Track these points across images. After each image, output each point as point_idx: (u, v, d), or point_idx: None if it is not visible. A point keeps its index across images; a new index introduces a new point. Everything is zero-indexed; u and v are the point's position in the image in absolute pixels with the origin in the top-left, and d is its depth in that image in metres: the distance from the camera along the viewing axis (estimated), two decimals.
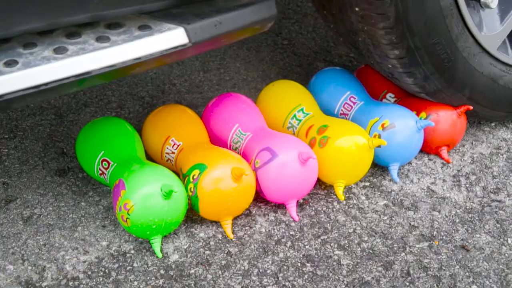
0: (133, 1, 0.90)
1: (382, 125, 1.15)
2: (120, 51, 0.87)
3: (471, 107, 1.20)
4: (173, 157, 1.13)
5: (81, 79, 0.85)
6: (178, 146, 1.12)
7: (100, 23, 0.91)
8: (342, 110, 1.24)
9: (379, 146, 1.14)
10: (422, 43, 1.09)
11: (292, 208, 1.08)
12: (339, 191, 1.12)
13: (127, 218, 0.98)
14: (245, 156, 1.12)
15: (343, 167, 1.11)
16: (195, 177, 1.03)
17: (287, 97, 1.22)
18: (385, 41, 1.08)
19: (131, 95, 1.43)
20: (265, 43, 1.63)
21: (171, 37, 0.89)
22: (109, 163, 1.08)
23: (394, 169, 1.17)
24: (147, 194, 0.97)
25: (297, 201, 1.12)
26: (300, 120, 1.18)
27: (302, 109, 1.19)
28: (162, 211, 0.98)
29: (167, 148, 1.13)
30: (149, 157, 1.18)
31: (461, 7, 1.09)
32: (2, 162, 1.23)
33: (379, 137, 1.15)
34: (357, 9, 1.06)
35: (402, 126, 1.15)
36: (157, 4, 0.92)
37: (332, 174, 1.12)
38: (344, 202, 1.14)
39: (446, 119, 1.20)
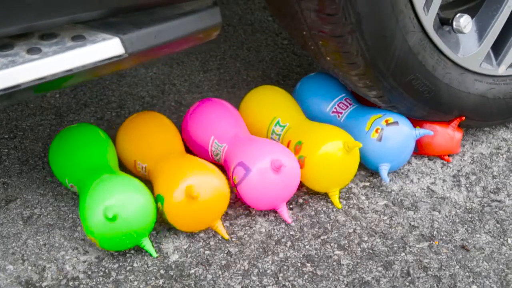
0: (67, 10, 0.85)
1: (386, 121, 1.15)
2: (50, 63, 0.83)
3: (463, 118, 1.20)
4: (145, 175, 1.13)
5: (10, 93, 0.81)
6: (144, 167, 1.11)
7: (34, 33, 0.87)
8: (336, 108, 1.23)
9: (380, 138, 1.14)
10: (398, 83, 1.10)
11: (283, 211, 1.08)
12: (336, 199, 1.12)
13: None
14: (227, 167, 1.11)
15: (329, 178, 1.10)
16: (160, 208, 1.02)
17: (261, 111, 1.21)
18: (360, 84, 1.11)
19: (131, 95, 1.43)
20: (265, 43, 1.63)
21: (106, 47, 0.85)
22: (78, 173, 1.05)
23: (384, 169, 1.16)
24: (108, 207, 0.94)
25: (287, 202, 1.12)
26: (279, 135, 1.18)
27: (278, 122, 1.18)
28: (127, 223, 0.95)
29: (138, 164, 1.12)
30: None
31: (433, 38, 1.08)
32: (2, 162, 1.23)
33: (381, 131, 1.14)
34: (328, 58, 1.08)
35: (402, 127, 1.15)
36: (92, 14, 0.87)
37: (322, 186, 1.12)
38: (344, 202, 1.14)
39: (442, 134, 1.21)
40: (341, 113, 1.22)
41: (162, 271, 1.00)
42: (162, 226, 1.08)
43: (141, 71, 1.53)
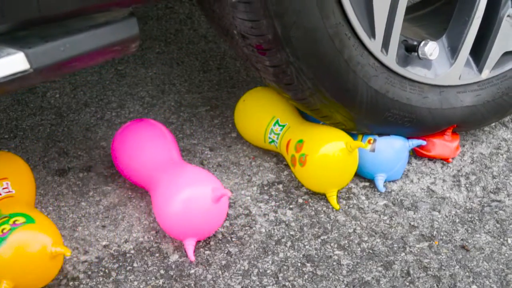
0: None
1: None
2: None
3: (455, 125, 1.20)
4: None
5: None
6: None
7: None
8: None
9: (373, 149, 1.14)
10: (375, 122, 1.11)
11: (189, 247, 1.01)
12: (333, 200, 1.12)
13: None
14: None
15: (329, 178, 1.10)
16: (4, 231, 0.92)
17: (260, 111, 1.20)
18: (340, 127, 1.14)
19: (131, 95, 1.43)
20: None
21: (10, 63, 0.80)
22: None
23: (380, 179, 1.16)
24: None
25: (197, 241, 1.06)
26: (278, 134, 1.17)
27: (277, 121, 1.18)
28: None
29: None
30: None
31: (400, 72, 1.08)
32: None
33: (374, 142, 1.14)
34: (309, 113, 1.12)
35: (395, 138, 1.16)
36: None
37: (321, 186, 1.11)
38: (344, 202, 1.14)
39: (438, 144, 1.22)
40: None
41: (162, 271, 1.00)
42: None
43: (141, 71, 1.53)
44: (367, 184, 1.19)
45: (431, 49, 1.07)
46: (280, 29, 0.93)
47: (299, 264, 1.01)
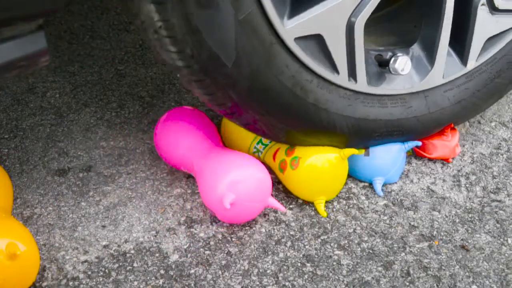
0: None
1: None
2: None
3: (452, 125, 1.20)
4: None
5: None
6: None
7: None
8: None
9: (367, 154, 1.14)
10: (363, 143, 1.12)
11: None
12: (321, 207, 1.11)
13: None
14: None
15: (320, 184, 1.09)
16: None
17: (243, 131, 1.19)
18: None
19: (131, 95, 1.43)
20: None
21: None
22: None
23: (378, 183, 1.16)
24: None
25: None
26: (266, 145, 1.17)
27: (260, 140, 1.17)
28: None
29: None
30: None
31: (377, 92, 1.06)
32: (2, 162, 1.23)
33: (368, 147, 1.14)
34: None
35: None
36: None
37: (310, 192, 1.10)
38: (344, 202, 1.14)
39: (438, 145, 1.21)
40: None
41: (162, 271, 1.00)
42: (161, 226, 1.08)
43: (141, 71, 1.53)
44: (367, 184, 1.19)
45: (402, 64, 1.03)
46: (236, 97, 0.94)
47: (299, 264, 1.01)
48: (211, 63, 0.88)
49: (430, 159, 1.25)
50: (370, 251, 1.04)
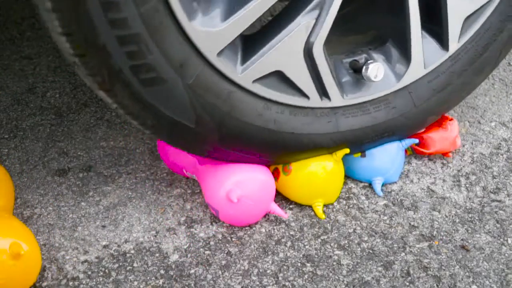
0: None
1: None
2: None
3: (448, 117, 1.19)
4: None
5: None
6: None
7: None
8: None
9: (364, 156, 1.14)
10: (358, 150, 1.11)
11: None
12: (318, 210, 1.10)
13: None
14: None
15: (315, 187, 1.08)
16: None
17: None
18: None
19: None
20: None
21: None
22: None
23: (377, 183, 1.15)
24: None
25: None
26: None
27: None
28: None
29: None
30: None
31: (357, 102, 1.04)
32: (2, 162, 1.23)
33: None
34: None
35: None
36: None
37: (306, 196, 1.10)
38: (344, 202, 1.14)
39: (437, 139, 1.20)
40: None
41: (162, 271, 1.00)
42: (161, 226, 1.08)
43: None
44: (367, 184, 1.19)
45: (374, 71, 0.99)
46: (211, 148, 0.96)
47: (299, 264, 1.01)
48: (175, 129, 0.90)
49: (430, 159, 1.25)
50: (370, 251, 1.04)
